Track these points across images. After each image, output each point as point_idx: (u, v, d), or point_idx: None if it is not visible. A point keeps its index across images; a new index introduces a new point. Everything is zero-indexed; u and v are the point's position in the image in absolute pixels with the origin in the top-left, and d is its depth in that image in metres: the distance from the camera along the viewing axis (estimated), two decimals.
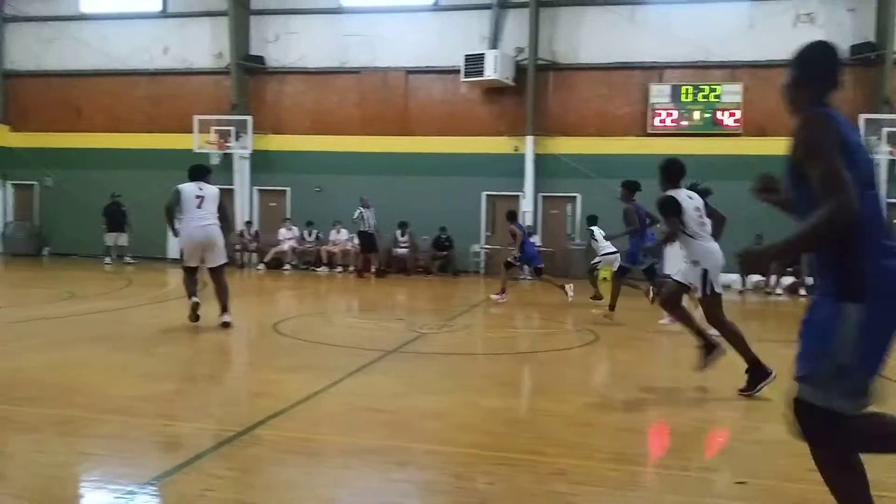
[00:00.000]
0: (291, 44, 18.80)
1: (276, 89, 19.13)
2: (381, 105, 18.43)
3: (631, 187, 9.24)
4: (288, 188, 18.97)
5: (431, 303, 12.63)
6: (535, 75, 17.13)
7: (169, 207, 8.43)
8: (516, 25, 17.49)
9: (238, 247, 18.18)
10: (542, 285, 12.65)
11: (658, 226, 9.29)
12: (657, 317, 9.00)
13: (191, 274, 8.41)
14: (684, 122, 16.78)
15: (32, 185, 20.27)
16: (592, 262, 11.79)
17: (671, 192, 6.09)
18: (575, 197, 17.50)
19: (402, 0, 18.26)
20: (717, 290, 5.73)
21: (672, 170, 6.38)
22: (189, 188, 8.21)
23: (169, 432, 4.08)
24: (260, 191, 19.24)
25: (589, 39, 17.31)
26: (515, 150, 17.39)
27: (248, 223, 18.32)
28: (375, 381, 5.77)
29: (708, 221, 6.05)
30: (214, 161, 18.23)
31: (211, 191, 8.35)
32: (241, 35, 18.58)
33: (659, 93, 16.89)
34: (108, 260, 17.68)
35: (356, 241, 16.66)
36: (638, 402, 5.36)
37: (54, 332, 7.72)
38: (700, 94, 16.66)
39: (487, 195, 17.87)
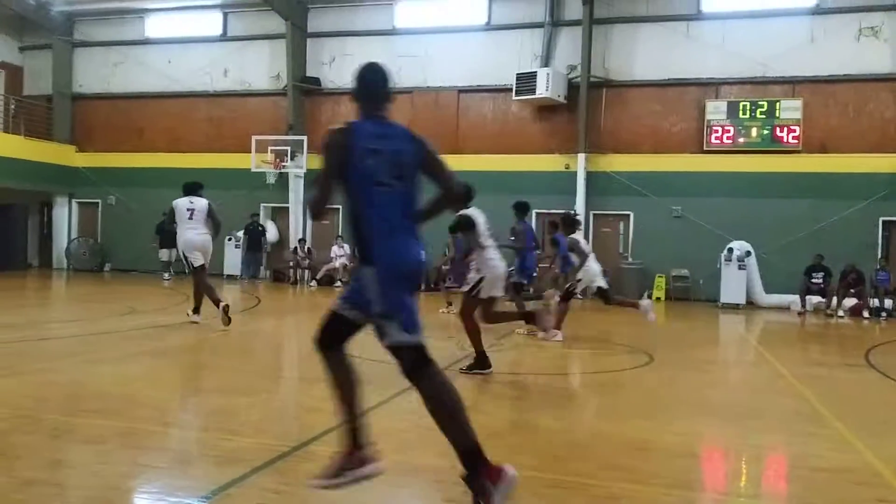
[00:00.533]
0: (346, 65, 19.15)
1: (331, 110, 19.50)
2: (433, 124, 18.56)
3: (521, 208, 10.15)
4: (340, 207, 19.17)
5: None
6: (587, 92, 17.06)
7: (166, 220, 10.19)
8: (569, 43, 17.48)
9: (291, 264, 18.54)
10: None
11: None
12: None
13: (203, 278, 9.39)
14: (741, 139, 16.47)
15: (96, 203, 21.06)
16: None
17: (465, 211, 6.72)
18: (628, 215, 17.30)
19: (454, 20, 18.46)
20: (482, 296, 6.63)
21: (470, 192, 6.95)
22: (181, 202, 9.58)
23: (226, 446, 4.14)
24: None
25: (643, 55, 17.18)
26: (567, 168, 17.30)
27: (302, 241, 18.64)
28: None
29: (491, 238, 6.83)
30: (270, 180, 18.72)
31: (200, 203, 9.58)
32: (297, 57, 19.05)
33: (715, 109, 16.61)
34: (166, 276, 18.19)
35: None
36: (694, 426, 5.22)
37: (117, 346, 7.96)
38: (758, 111, 16.32)
39: (538, 213, 17.79)
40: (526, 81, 16.89)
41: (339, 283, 17.68)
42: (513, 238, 10.08)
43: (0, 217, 19.36)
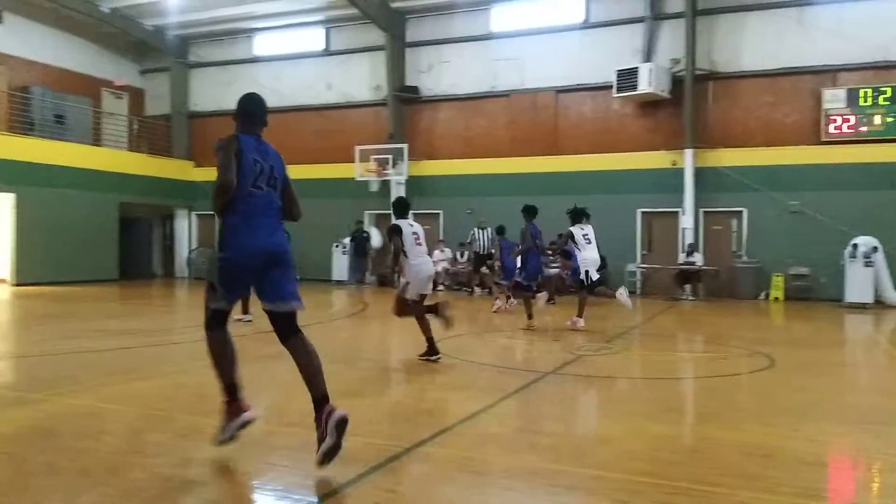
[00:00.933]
0: (443, 72, 19.41)
1: (430, 117, 19.79)
2: (531, 126, 18.51)
3: (529, 211, 10.79)
4: (440, 211, 19.45)
5: (586, 323, 12.37)
6: (693, 86, 16.48)
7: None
8: (671, 36, 16.96)
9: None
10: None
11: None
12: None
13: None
14: (863, 128, 15.42)
15: (213, 214, 22.23)
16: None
17: (397, 221, 7.51)
18: (741, 211, 16.56)
19: (551, 20, 18.30)
20: (408, 296, 7.56)
21: (401, 205, 7.89)
22: None
23: (342, 446, 4.26)
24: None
25: (751, 45, 16.43)
26: (673, 165, 16.76)
27: None
28: (536, 402, 5.73)
29: (423, 244, 7.62)
30: (374, 188, 19.17)
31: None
32: (397, 67, 19.45)
33: (833, 97, 15.65)
34: None
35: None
36: (822, 432, 4.92)
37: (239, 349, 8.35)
38: (881, 97, 15.25)
39: (643, 212, 17.33)
40: (627, 78, 16.52)
41: (441, 288, 17.86)
42: (521, 241, 10.89)
43: (127, 230, 20.77)
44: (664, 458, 4.26)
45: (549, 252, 13.35)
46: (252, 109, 4.33)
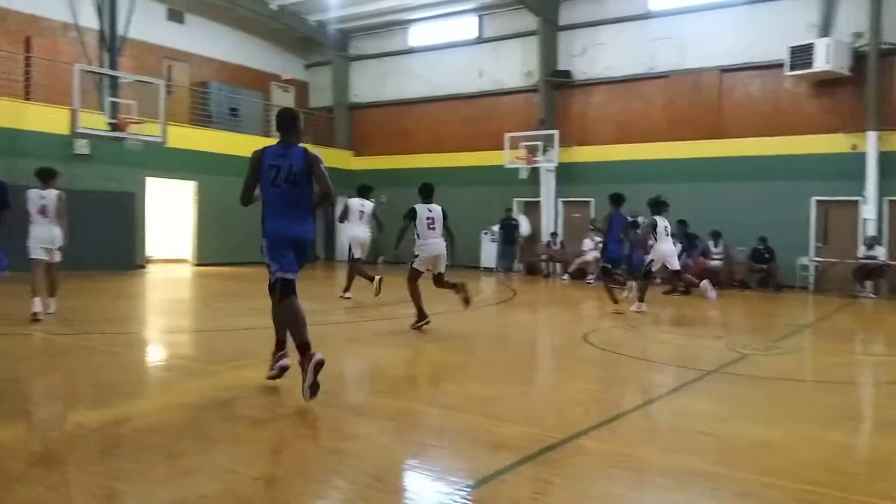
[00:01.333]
0: (598, 55, 18.89)
1: (582, 101, 19.37)
2: (692, 108, 17.59)
3: (614, 199, 10.90)
4: (592, 199, 19.02)
5: (751, 320, 11.65)
6: (877, 62, 14.92)
7: (339, 216, 11.84)
8: (852, 9, 15.43)
9: (544, 257, 18.77)
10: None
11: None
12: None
13: (360, 267, 11.59)
14: None
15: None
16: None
17: (416, 205, 8.54)
18: None
19: None
20: (416, 267, 8.49)
21: (423, 190, 8.72)
22: (355, 203, 11.84)
23: (497, 432, 4.29)
24: (564, 202, 19.58)
25: None
26: (853, 149, 15.29)
27: (554, 234, 18.77)
28: (697, 401, 5.45)
29: (435, 228, 8.47)
30: (523, 175, 19.09)
31: (369, 206, 11.75)
32: (549, 52, 19.19)
33: None
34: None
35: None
36: None
37: (394, 331, 8.66)
38: None
39: (818, 201, 15.97)
40: (801, 55, 15.23)
41: (590, 278, 17.50)
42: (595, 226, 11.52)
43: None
44: (843, 469, 3.91)
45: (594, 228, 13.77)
46: (280, 122, 5.41)
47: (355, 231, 11.65)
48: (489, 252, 19.80)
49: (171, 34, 20.12)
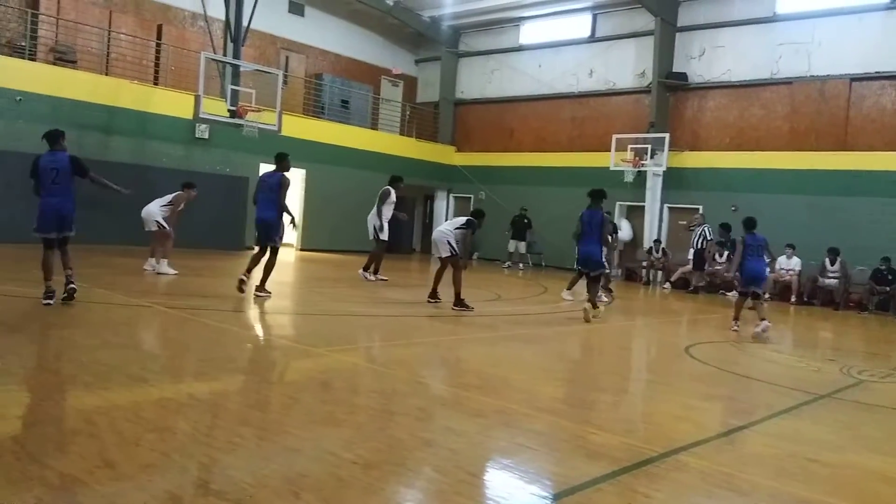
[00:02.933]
0: (717, 58, 18.19)
1: (697, 105, 18.70)
2: (816, 117, 16.64)
3: (593, 196, 10.36)
4: (700, 206, 18.33)
5: (869, 345, 10.91)
6: None
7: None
8: None
9: (645, 264, 18.25)
10: None
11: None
12: None
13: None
14: None
15: (469, 197, 23.27)
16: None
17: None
18: None
19: (848, 1, 16.21)
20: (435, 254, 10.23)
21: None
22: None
23: (593, 440, 4.20)
24: (670, 208, 18.98)
25: None
26: None
27: (657, 241, 18.22)
28: (807, 427, 5.14)
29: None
30: (628, 178, 18.64)
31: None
32: (665, 53, 18.64)
33: None
34: (506, 264, 19.48)
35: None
36: None
37: (489, 329, 8.66)
38: None
39: None
40: None
41: (692, 288, 16.88)
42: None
43: (396, 207, 22.48)
44: None
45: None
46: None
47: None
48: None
49: (291, 26, 20.89)
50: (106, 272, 10.62)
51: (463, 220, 9.74)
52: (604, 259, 10.61)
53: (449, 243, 9.53)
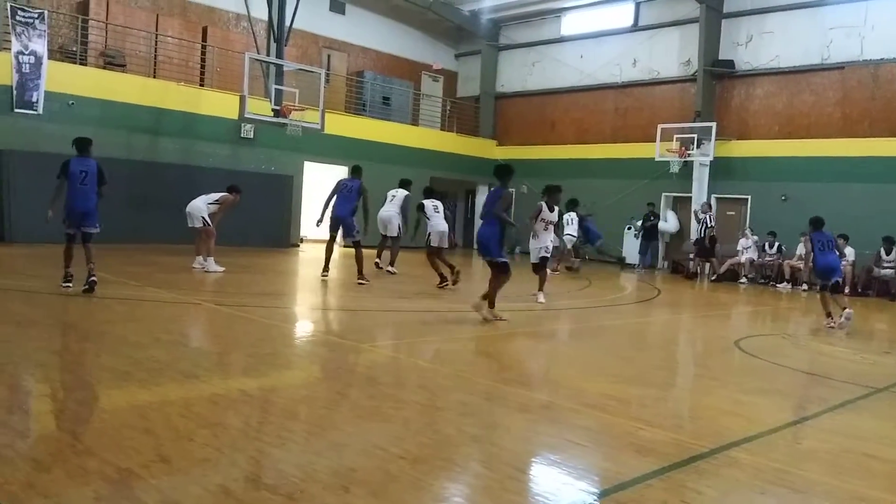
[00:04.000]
0: (764, 44, 17.73)
1: (744, 93, 18.27)
2: (869, 103, 16.11)
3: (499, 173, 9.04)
4: (748, 196, 17.93)
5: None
6: None
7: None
8: None
9: (691, 256, 17.91)
10: None
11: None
12: None
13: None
14: None
15: (511, 191, 23.06)
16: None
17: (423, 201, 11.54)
18: None
19: None
20: (433, 244, 11.64)
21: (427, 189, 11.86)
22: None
23: (642, 436, 4.14)
24: (718, 199, 18.59)
25: None
26: None
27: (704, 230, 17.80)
28: (865, 421, 5.00)
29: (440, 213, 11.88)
30: (674, 169, 18.31)
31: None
32: (710, 40, 18.25)
33: None
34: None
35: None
36: None
37: (529, 323, 8.61)
38: None
39: None
40: None
41: (743, 280, 16.53)
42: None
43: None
44: None
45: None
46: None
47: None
48: (632, 247, 19.20)
49: (333, 24, 21.06)
50: (155, 270, 10.89)
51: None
52: (497, 243, 8.22)
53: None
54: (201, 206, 11.30)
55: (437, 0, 21.78)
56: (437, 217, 11.89)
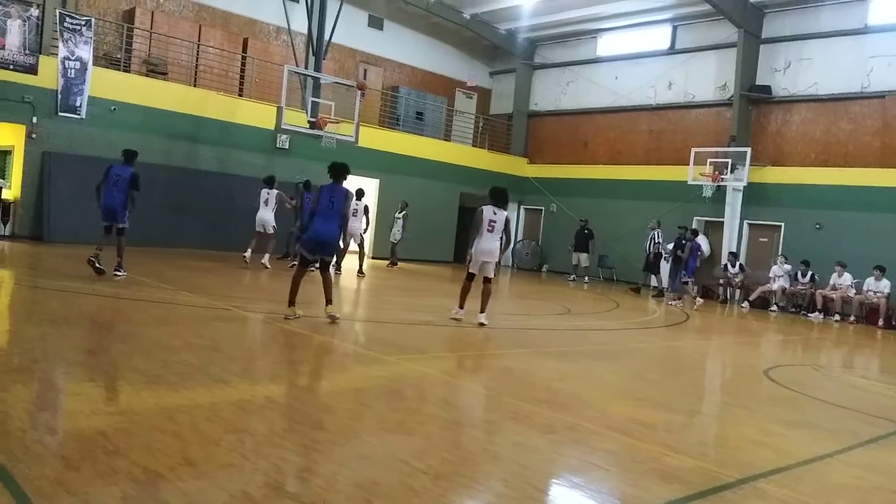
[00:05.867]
0: (803, 70, 17.55)
1: (781, 119, 18.08)
2: None
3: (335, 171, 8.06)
4: (782, 223, 17.68)
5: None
6: None
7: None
8: None
9: (721, 281, 17.69)
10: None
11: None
12: None
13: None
14: None
15: (540, 210, 23.12)
16: None
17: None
18: None
19: None
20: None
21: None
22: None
23: (667, 462, 4.10)
24: (750, 225, 18.36)
25: None
26: None
27: (733, 254, 17.56)
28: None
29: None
30: (707, 193, 18.14)
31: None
32: (748, 65, 18.12)
33: None
34: (571, 277, 19.19)
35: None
36: None
37: (557, 343, 8.58)
38: None
39: None
40: None
41: (774, 308, 16.27)
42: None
43: (464, 218, 22.59)
44: None
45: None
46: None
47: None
48: (662, 271, 18.99)
49: (370, 39, 21.33)
50: (189, 275, 11.07)
51: None
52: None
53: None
54: (269, 219, 13.36)
55: (475, 18, 21.94)
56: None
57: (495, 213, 8.81)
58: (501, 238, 8.88)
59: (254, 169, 16.68)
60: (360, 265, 14.30)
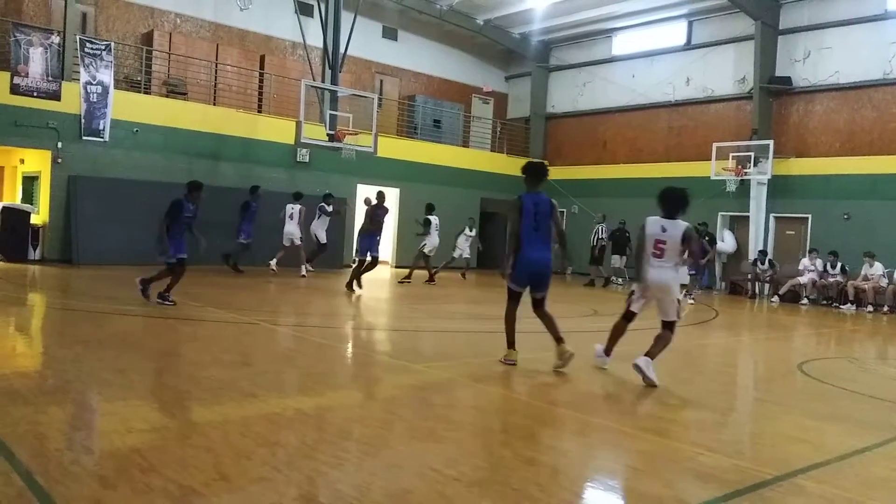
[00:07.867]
0: (823, 59, 17.32)
1: (803, 110, 17.84)
2: None
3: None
4: (809, 215, 17.42)
5: None
6: None
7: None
8: None
9: (749, 276, 17.47)
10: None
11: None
12: None
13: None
14: None
15: (562, 212, 22.95)
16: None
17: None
18: None
19: None
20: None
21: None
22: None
23: (703, 461, 4.04)
24: (777, 218, 18.12)
25: None
26: None
27: (762, 252, 17.39)
28: None
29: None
30: (731, 188, 17.95)
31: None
32: (766, 57, 17.91)
33: None
34: (619, 280, 18.97)
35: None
36: None
37: (585, 345, 8.50)
38: None
39: None
40: None
41: (805, 301, 16.01)
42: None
43: (488, 224, 22.59)
44: None
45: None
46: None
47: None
48: (684, 268, 18.79)
49: (385, 50, 21.45)
50: (215, 291, 11.17)
51: None
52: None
53: None
54: (295, 231, 14.50)
55: (488, 24, 21.97)
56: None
57: (664, 231, 6.13)
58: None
59: (275, 184, 16.82)
60: (431, 275, 15.66)
